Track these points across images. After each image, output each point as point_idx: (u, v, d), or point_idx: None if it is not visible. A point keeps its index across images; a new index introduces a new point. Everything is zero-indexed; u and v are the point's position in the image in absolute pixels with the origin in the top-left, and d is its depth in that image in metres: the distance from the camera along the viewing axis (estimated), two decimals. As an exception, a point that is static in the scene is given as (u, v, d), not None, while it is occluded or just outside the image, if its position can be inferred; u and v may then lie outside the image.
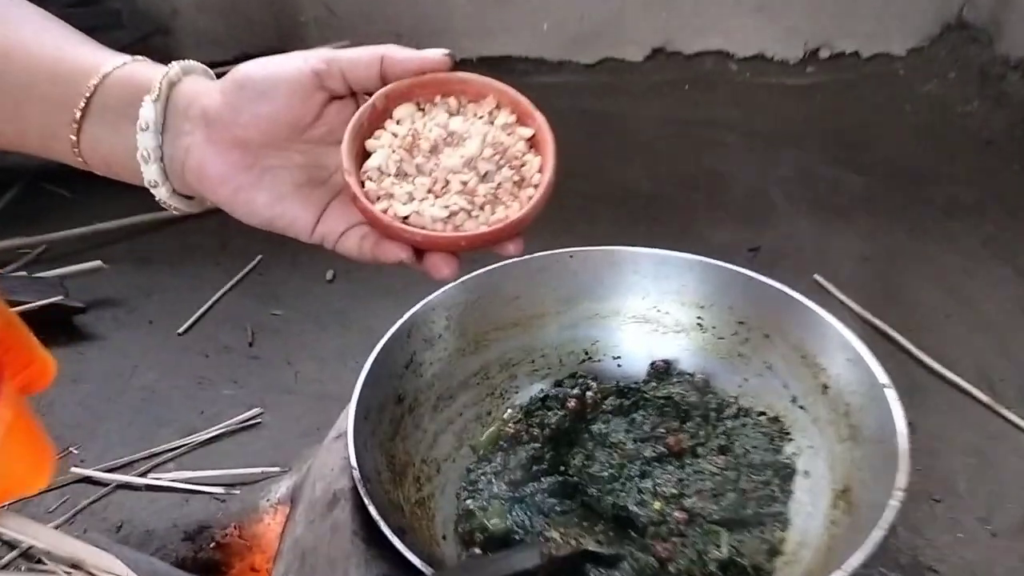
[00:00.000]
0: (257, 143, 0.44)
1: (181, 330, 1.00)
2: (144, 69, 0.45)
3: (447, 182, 0.44)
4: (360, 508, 0.53)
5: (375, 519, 0.50)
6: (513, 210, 0.44)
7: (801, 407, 0.65)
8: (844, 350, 0.62)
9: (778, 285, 0.68)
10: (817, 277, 1.02)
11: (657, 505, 0.59)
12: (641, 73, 1.55)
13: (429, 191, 0.44)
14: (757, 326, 0.68)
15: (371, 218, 0.43)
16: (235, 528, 0.75)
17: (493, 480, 0.62)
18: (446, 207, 0.43)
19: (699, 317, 0.71)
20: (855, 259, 1.08)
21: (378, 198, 0.44)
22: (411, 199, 0.44)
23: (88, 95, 0.43)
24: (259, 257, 1.12)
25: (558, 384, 0.69)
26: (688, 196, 1.23)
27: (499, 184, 0.44)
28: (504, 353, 0.70)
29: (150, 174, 0.45)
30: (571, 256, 0.71)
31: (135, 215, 1.16)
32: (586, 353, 0.73)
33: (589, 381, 0.69)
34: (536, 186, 0.44)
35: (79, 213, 1.16)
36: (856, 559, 0.46)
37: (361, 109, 0.45)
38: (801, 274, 1.02)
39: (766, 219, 1.15)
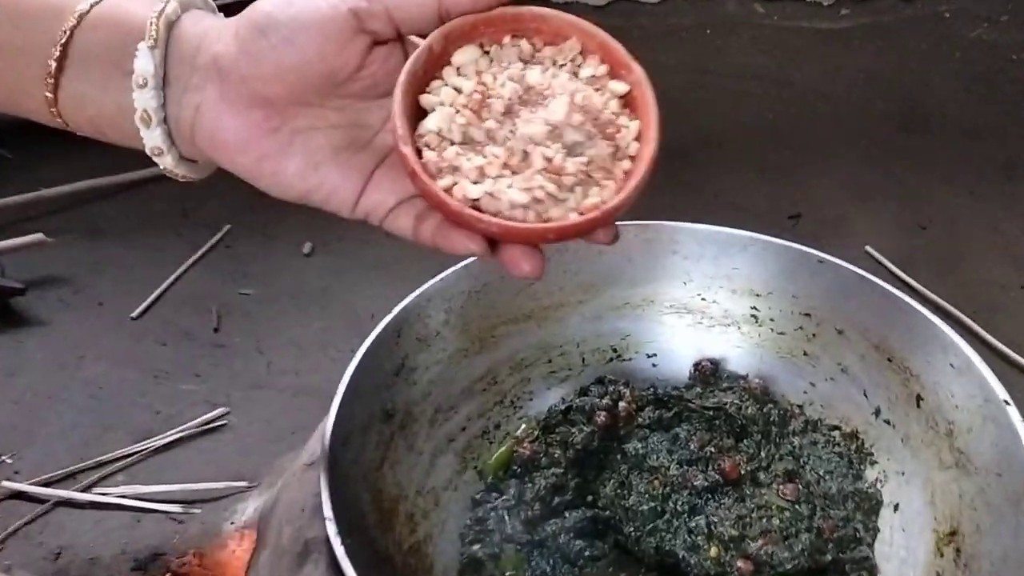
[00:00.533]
0: (284, 100, 0.37)
1: (135, 313, 0.88)
2: (130, 4, 0.38)
3: (526, 154, 0.35)
4: (337, 565, 0.42)
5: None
6: (608, 192, 0.36)
7: (886, 421, 0.53)
8: (945, 352, 0.50)
9: (855, 268, 0.56)
10: (869, 249, 0.90)
11: (713, 551, 0.48)
12: (656, 16, 1.41)
13: (505, 165, 0.35)
14: (827, 319, 0.57)
15: (437, 203, 0.35)
16: (194, 555, 0.65)
17: (506, 517, 0.51)
18: (527, 190, 0.34)
19: (754, 307, 0.59)
20: (909, 227, 0.95)
21: (439, 171, 0.35)
22: (482, 176, 0.35)
23: (63, 41, 0.37)
24: (227, 227, 0.99)
25: (583, 393, 0.57)
26: (714, 155, 1.10)
27: (591, 160, 0.35)
28: (515, 352, 0.59)
29: (152, 140, 0.38)
30: (596, 232, 0.59)
31: (84, 179, 1.02)
32: (614, 351, 0.61)
33: (621, 388, 0.57)
34: (633, 158, 0.36)
35: (18, 177, 1.02)
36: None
37: (415, 54, 0.36)
38: (850, 245, 0.90)
39: (805, 182, 1.02)
